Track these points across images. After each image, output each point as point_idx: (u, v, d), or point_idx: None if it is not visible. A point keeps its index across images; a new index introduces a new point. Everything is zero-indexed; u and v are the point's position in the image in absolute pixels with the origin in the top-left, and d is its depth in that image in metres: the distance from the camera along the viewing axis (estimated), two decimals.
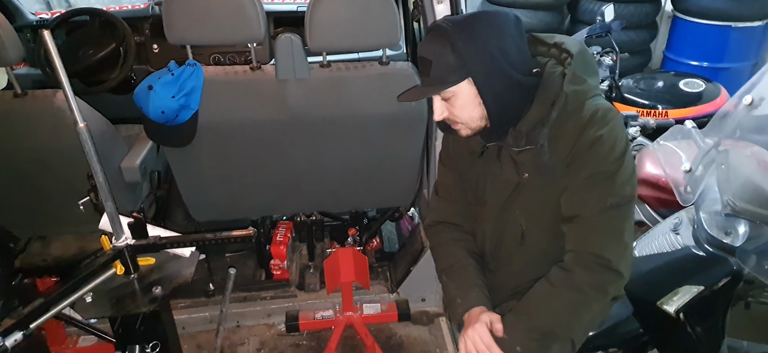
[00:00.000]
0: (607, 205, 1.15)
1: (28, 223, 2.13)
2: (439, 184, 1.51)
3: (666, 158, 1.64)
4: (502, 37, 1.12)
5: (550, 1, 3.99)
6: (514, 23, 1.15)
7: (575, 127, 1.14)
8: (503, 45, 1.12)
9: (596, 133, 1.12)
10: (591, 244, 1.17)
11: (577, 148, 1.15)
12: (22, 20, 2.72)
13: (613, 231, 1.17)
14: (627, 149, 1.15)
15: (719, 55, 4.11)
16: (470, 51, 1.11)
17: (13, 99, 1.76)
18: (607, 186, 1.15)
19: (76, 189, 1.68)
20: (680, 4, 4.19)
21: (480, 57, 1.12)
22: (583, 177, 1.16)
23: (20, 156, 1.85)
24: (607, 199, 1.15)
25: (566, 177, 1.18)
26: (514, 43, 1.13)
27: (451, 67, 1.13)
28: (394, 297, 2.40)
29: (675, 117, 2.66)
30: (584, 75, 1.17)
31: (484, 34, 1.11)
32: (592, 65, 1.23)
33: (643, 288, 1.50)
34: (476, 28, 1.12)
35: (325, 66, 1.83)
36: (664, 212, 1.89)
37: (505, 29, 1.13)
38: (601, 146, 1.13)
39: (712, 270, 1.35)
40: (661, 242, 1.46)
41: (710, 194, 1.36)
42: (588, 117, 1.13)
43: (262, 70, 1.82)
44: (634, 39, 4.19)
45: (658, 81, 3.04)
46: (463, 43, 1.11)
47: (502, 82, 1.14)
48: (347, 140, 1.97)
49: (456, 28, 1.12)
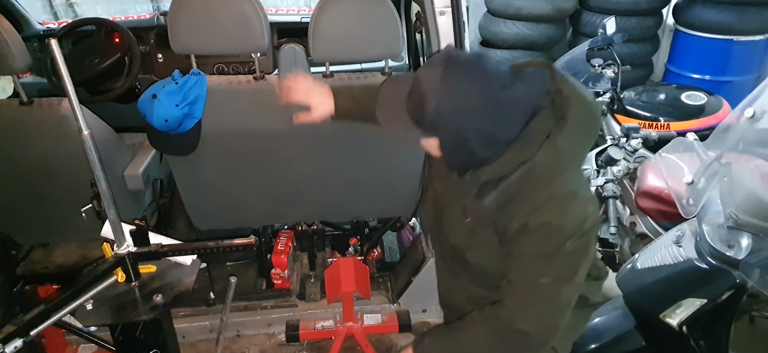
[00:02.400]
0: (540, 282, 1.08)
1: (31, 230, 2.13)
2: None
3: (668, 170, 1.64)
4: (483, 118, 0.98)
5: (551, 14, 4.01)
6: (507, 85, 0.98)
7: (532, 204, 1.04)
8: (482, 125, 0.99)
9: (550, 219, 1.03)
10: (515, 312, 1.12)
11: (527, 225, 1.05)
12: (30, 30, 2.75)
13: (542, 307, 1.11)
14: (584, 237, 1.05)
15: (722, 68, 4.11)
16: (445, 123, 1.00)
17: (19, 107, 1.77)
18: (546, 266, 1.07)
19: (79, 197, 1.69)
20: (682, 18, 4.21)
21: (452, 135, 1.02)
22: (526, 252, 1.08)
23: (25, 163, 1.86)
24: (541, 278, 1.08)
25: (510, 243, 1.10)
26: (495, 119, 0.99)
27: (420, 121, 1.02)
28: (395, 308, 2.39)
29: (677, 129, 2.66)
30: (575, 140, 1.04)
31: (467, 109, 0.98)
32: (591, 126, 1.09)
33: (645, 301, 1.49)
34: (462, 100, 0.98)
35: (328, 76, 1.84)
36: (666, 224, 1.89)
37: (491, 104, 0.98)
38: (552, 233, 1.04)
39: (716, 283, 1.34)
40: (664, 254, 1.46)
41: (713, 206, 1.36)
42: (547, 199, 1.03)
43: (265, 79, 1.83)
44: (635, 52, 4.20)
45: (660, 93, 3.04)
46: (441, 114, 0.99)
47: (466, 156, 1.05)
48: (349, 150, 1.97)
49: (444, 92, 0.98)
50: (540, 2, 3.96)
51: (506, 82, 0.98)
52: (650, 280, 1.46)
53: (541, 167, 1.03)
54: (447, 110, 0.98)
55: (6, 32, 1.60)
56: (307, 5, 4.23)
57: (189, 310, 2.33)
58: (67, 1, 4.22)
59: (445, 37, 1.73)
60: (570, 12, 4.16)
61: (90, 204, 1.67)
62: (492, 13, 4.15)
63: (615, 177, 2.06)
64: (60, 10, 4.13)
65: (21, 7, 2.79)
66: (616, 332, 1.55)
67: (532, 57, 4.06)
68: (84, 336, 1.95)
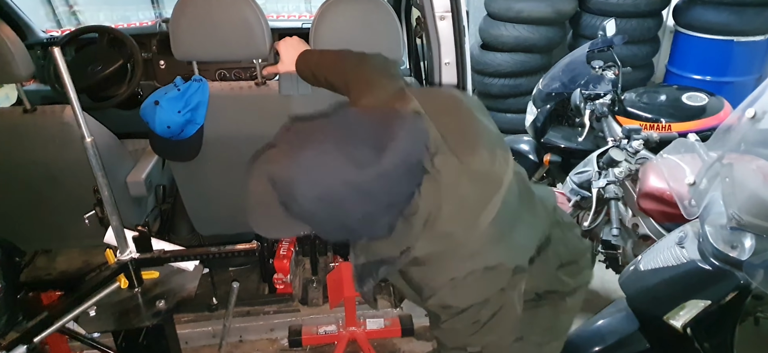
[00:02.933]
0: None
1: (34, 237, 2.14)
2: None
3: (669, 171, 1.63)
4: (353, 205, 0.83)
5: (551, 16, 4.01)
6: (368, 163, 0.80)
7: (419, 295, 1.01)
8: (355, 212, 0.84)
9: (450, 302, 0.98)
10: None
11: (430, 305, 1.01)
12: (33, 38, 2.77)
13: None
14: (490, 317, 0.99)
15: (722, 69, 4.11)
16: (312, 216, 0.88)
17: (23, 114, 1.78)
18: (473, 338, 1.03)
19: (82, 204, 1.69)
20: (682, 19, 4.20)
21: (328, 223, 0.89)
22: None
23: (28, 170, 1.87)
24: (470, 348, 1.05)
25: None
26: (366, 204, 0.83)
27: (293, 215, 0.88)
28: (398, 312, 2.38)
29: (678, 130, 2.65)
30: (458, 222, 0.94)
31: (332, 199, 0.83)
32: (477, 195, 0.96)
33: (648, 303, 1.49)
34: (323, 191, 0.82)
35: None
36: (669, 225, 1.88)
37: (355, 192, 0.82)
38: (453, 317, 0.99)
39: (719, 285, 1.33)
40: (666, 256, 1.45)
41: (715, 207, 1.35)
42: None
43: (266, 85, 1.84)
44: (636, 53, 4.20)
45: (660, 95, 3.03)
46: (305, 210, 0.86)
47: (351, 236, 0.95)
48: None
49: (301, 184, 0.83)
50: (540, 5, 3.96)
51: (366, 157, 0.80)
52: (653, 282, 1.46)
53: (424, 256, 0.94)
54: (311, 206, 0.84)
55: (9, 40, 1.61)
56: (308, 10, 4.24)
57: (191, 316, 2.33)
58: (69, 9, 4.24)
59: (445, 42, 1.73)
60: (570, 14, 4.16)
61: (93, 211, 1.67)
62: (492, 16, 4.15)
63: (616, 179, 2.06)
64: (63, 17, 4.15)
65: (24, 15, 2.81)
66: (620, 334, 1.55)
67: (532, 59, 4.07)
68: (87, 342, 1.95)
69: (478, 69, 4.12)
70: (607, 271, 2.59)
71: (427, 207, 0.90)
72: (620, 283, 1.59)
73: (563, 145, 2.94)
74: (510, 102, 4.20)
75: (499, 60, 4.07)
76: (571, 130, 3.00)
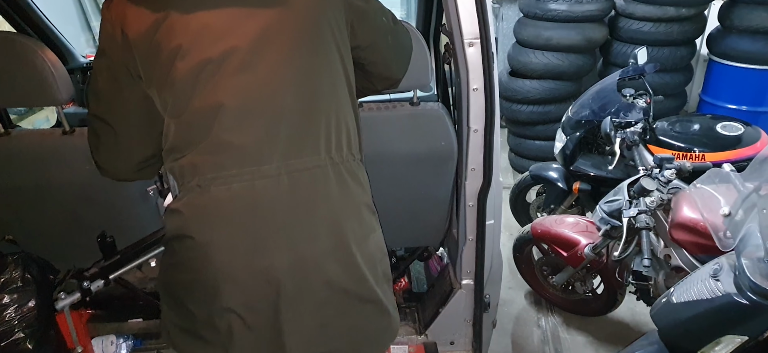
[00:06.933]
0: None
1: (69, 256, 2.20)
2: None
3: (703, 202, 1.60)
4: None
5: (581, 44, 3.99)
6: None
7: None
8: None
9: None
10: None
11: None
12: (74, 63, 2.89)
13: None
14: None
15: (759, 98, 4.01)
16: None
17: (62, 135, 1.85)
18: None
19: (116, 224, 1.74)
20: (717, 48, 4.13)
21: None
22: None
23: (66, 190, 1.93)
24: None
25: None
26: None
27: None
28: (423, 339, 2.35)
29: (712, 160, 2.59)
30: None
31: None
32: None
33: (682, 337, 1.44)
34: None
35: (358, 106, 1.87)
36: (702, 257, 1.83)
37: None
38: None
39: (757, 320, 1.28)
40: (700, 288, 1.41)
41: (752, 240, 1.31)
42: None
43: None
44: (668, 82, 4.13)
45: (694, 123, 2.97)
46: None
47: None
48: (377, 179, 1.98)
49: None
50: (570, 32, 3.95)
51: None
52: (687, 315, 1.41)
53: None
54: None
55: (53, 65, 1.68)
56: None
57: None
58: None
59: (473, 68, 1.74)
60: (600, 42, 4.13)
61: (154, 185, 1.84)
62: (521, 43, 4.15)
63: (648, 209, 2.01)
64: None
65: (67, 41, 2.94)
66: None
67: (562, 86, 4.04)
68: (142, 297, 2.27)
69: (506, 95, 4.12)
70: (637, 303, 2.52)
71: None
72: (652, 315, 1.54)
73: (593, 173, 2.90)
74: (539, 129, 4.17)
75: (528, 87, 4.06)
76: (601, 159, 2.96)
